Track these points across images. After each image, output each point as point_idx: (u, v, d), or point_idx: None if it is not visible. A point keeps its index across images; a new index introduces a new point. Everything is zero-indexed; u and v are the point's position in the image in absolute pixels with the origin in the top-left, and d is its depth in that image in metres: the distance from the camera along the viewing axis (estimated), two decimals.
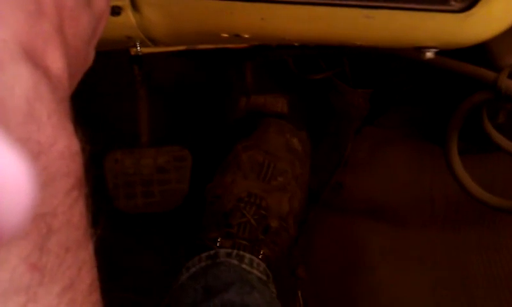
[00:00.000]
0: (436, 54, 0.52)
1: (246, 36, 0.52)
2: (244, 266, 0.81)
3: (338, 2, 0.45)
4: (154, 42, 0.56)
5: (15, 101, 0.22)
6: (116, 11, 0.48)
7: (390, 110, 1.00)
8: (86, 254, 0.26)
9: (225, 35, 0.53)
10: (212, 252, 0.82)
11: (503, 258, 0.92)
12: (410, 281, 0.95)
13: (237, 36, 0.53)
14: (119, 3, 0.48)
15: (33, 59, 0.23)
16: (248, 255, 0.82)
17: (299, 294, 0.98)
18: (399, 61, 0.92)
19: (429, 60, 0.52)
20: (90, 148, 0.26)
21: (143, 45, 0.56)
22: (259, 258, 0.83)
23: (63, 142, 0.24)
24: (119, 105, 1.01)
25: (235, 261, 0.81)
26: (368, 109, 0.97)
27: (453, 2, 0.44)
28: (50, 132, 0.23)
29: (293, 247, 0.95)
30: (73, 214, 0.25)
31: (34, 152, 0.22)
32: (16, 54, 0.23)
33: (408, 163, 0.99)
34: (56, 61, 0.25)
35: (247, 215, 0.85)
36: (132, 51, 0.61)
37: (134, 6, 0.49)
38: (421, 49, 0.51)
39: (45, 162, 0.23)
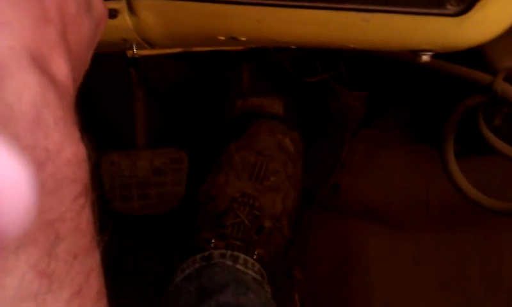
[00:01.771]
0: (432, 57, 0.52)
1: (243, 38, 0.52)
2: (238, 266, 0.81)
3: (335, 5, 0.45)
4: (150, 44, 0.55)
5: (23, 107, 0.22)
6: (112, 14, 0.48)
7: (386, 113, 1.01)
8: (93, 261, 0.26)
9: (222, 38, 0.53)
10: (206, 253, 0.82)
11: (499, 259, 0.93)
12: (406, 282, 0.95)
13: (233, 39, 0.53)
14: (115, 6, 0.48)
15: (40, 65, 0.24)
16: (242, 255, 0.82)
17: (296, 297, 0.98)
18: (394, 63, 0.92)
19: (425, 63, 0.52)
20: (96, 154, 0.26)
21: (139, 47, 0.56)
22: (253, 259, 0.83)
23: (69, 149, 0.24)
24: (115, 107, 1.01)
25: (229, 262, 0.81)
26: (365, 111, 0.98)
27: (449, 6, 0.44)
28: (58, 138, 0.23)
29: (289, 248, 0.95)
30: (80, 221, 0.25)
31: (41, 159, 0.22)
32: (24, 61, 0.23)
33: (404, 165, 0.99)
34: (61, 68, 0.25)
35: (240, 215, 0.85)
36: (129, 53, 0.61)
37: (131, 8, 0.49)
38: (417, 52, 0.51)
39: (52, 169, 0.23)
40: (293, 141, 0.94)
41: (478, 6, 0.43)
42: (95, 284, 0.26)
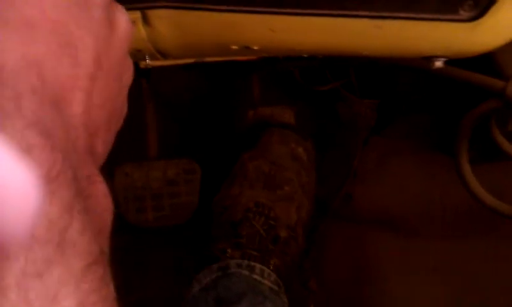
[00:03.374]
0: (444, 63, 0.52)
1: (256, 47, 0.53)
2: (255, 276, 0.80)
3: (348, 13, 0.45)
4: (164, 55, 0.56)
5: None
6: None
7: (397, 120, 1.00)
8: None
9: (235, 47, 0.53)
10: (222, 263, 0.82)
11: None
12: (422, 291, 0.94)
13: (246, 48, 0.53)
14: (130, 17, 0.48)
15: None
16: (258, 265, 0.82)
17: None
18: (405, 71, 0.92)
19: (437, 69, 0.52)
20: None
21: (152, 58, 0.57)
22: (269, 269, 0.83)
23: None
24: (127, 118, 1.01)
25: (246, 272, 0.80)
26: (376, 118, 0.97)
27: (462, 12, 0.44)
28: None
29: (304, 259, 0.95)
30: None
31: None
32: None
33: (417, 173, 0.98)
34: None
35: (256, 225, 0.85)
36: (141, 64, 0.61)
37: (145, 19, 0.49)
38: (430, 59, 0.51)
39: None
40: (306, 150, 0.94)
41: (491, 12, 0.43)
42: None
